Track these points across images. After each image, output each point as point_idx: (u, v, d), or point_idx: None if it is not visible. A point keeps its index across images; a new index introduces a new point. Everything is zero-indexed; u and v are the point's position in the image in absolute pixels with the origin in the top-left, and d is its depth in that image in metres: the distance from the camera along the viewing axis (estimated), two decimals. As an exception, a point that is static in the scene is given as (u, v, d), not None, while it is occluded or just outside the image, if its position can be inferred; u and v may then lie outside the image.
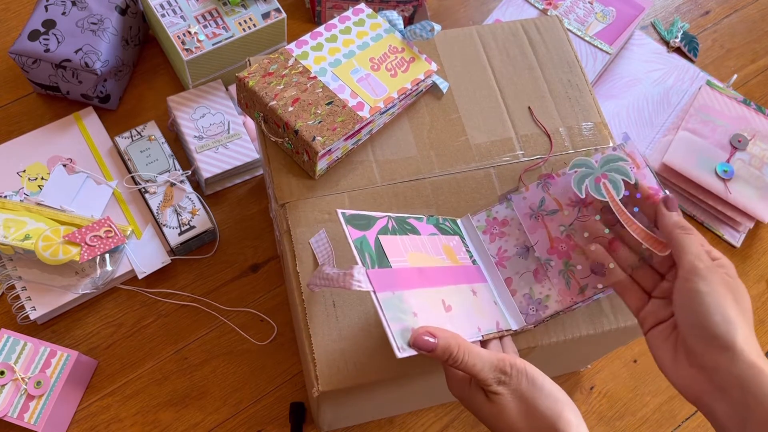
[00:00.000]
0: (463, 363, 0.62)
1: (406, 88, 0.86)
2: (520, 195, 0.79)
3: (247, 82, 0.82)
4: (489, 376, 0.63)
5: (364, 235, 0.66)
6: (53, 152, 1.16)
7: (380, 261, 0.65)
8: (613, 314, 0.79)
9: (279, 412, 1.06)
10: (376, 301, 0.61)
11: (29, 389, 0.97)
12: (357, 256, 0.63)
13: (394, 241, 0.68)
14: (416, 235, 0.72)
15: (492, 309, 0.73)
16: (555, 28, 0.99)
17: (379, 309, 0.61)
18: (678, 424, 1.11)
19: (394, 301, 0.62)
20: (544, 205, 0.77)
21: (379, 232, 0.68)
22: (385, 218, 0.70)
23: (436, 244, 0.73)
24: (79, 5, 1.16)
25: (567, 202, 0.76)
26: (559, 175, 0.77)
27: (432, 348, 0.62)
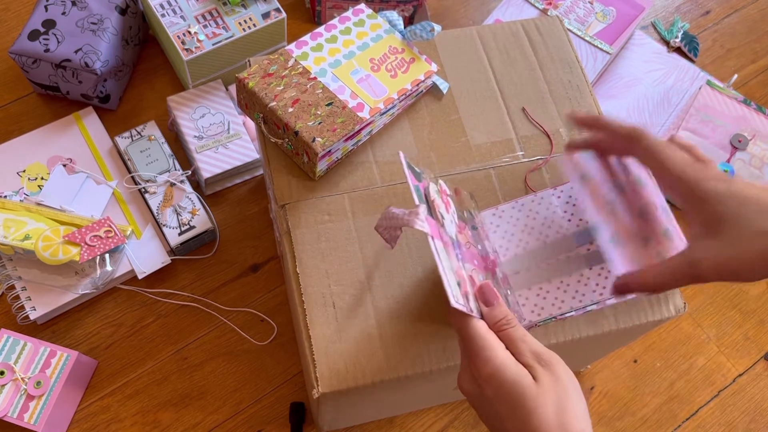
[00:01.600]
0: (515, 329, 0.61)
1: (406, 88, 0.86)
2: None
3: (247, 83, 0.82)
4: (538, 350, 0.60)
5: (419, 185, 0.67)
6: (53, 152, 1.16)
7: (432, 213, 0.66)
8: (613, 316, 0.79)
9: (279, 412, 1.06)
10: (433, 247, 0.61)
11: (29, 389, 0.97)
12: (416, 198, 0.64)
13: (439, 203, 0.69)
14: (449, 206, 0.73)
15: (501, 296, 0.73)
16: (555, 28, 0.99)
17: (435, 254, 0.60)
18: (678, 424, 1.11)
19: (445, 252, 0.63)
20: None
21: (429, 188, 0.69)
22: (430, 178, 0.71)
23: (462, 223, 0.74)
24: (79, 5, 1.16)
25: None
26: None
27: (494, 301, 0.62)
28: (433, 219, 0.65)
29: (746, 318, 1.20)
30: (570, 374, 0.59)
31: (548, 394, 0.57)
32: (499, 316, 0.62)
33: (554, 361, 0.59)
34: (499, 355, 0.59)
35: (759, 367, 1.16)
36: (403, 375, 0.74)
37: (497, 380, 0.58)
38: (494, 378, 0.58)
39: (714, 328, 1.19)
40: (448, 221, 0.69)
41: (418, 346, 0.75)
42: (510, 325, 0.61)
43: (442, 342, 0.76)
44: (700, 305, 1.20)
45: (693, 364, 1.16)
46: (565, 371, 0.59)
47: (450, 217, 0.71)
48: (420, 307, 0.77)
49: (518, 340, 0.60)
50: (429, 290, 0.78)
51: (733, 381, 1.15)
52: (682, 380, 1.14)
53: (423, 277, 0.79)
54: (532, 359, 0.59)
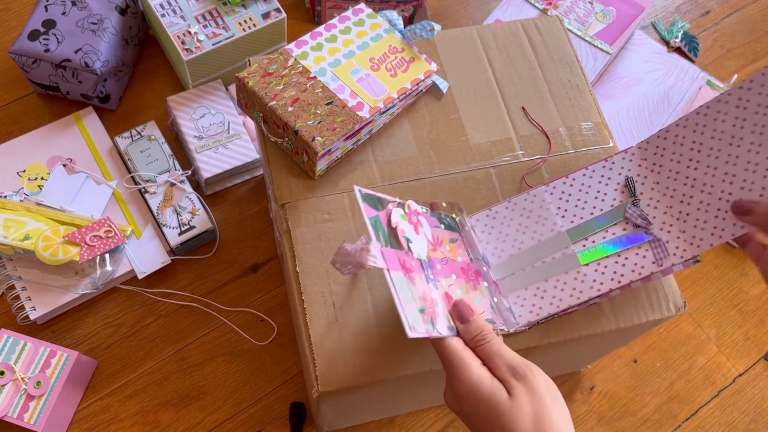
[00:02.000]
0: (490, 344, 0.61)
1: (405, 88, 0.86)
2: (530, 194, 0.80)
3: (247, 83, 0.82)
4: (514, 363, 0.60)
5: (378, 215, 0.66)
6: (53, 152, 1.16)
7: (392, 242, 0.65)
8: (613, 315, 0.79)
9: (279, 412, 1.06)
10: (389, 279, 0.60)
11: (29, 389, 0.97)
12: (372, 233, 0.63)
13: (404, 226, 0.68)
14: (420, 226, 0.72)
15: (488, 305, 0.73)
16: (555, 28, 0.99)
17: (392, 287, 0.60)
18: (678, 424, 1.11)
19: (406, 282, 0.62)
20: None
21: (391, 214, 0.68)
22: (395, 203, 0.70)
23: (440, 236, 0.73)
24: (79, 5, 1.16)
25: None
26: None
27: (469, 317, 0.62)
28: (392, 248, 0.64)
29: (746, 318, 1.20)
30: (548, 384, 0.60)
31: (523, 407, 0.58)
32: (474, 332, 0.62)
33: (529, 373, 0.60)
34: (474, 372, 0.60)
35: (759, 367, 1.16)
36: (403, 374, 0.74)
37: (473, 397, 0.59)
38: (470, 395, 0.59)
39: (714, 328, 1.19)
40: (416, 243, 0.69)
41: (418, 345, 0.75)
42: (485, 340, 0.62)
43: (442, 341, 0.75)
44: (700, 305, 1.20)
45: (693, 364, 1.16)
46: (541, 382, 0.60)
47: (420, 237, 0.70)
48: (420, 306, 0.77)
49: (494, 354, 0.61)
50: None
51: (733, 381, 1.15)
52: (682, 380, 1.14)
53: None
54: (507, 373, 0.60)
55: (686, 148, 0.74)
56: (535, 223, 0.78)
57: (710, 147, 0.72)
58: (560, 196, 0.79)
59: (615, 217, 0.76)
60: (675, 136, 0.75)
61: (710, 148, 0.72)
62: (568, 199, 0.78)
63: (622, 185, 0.77)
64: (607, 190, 0.77)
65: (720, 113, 0.71)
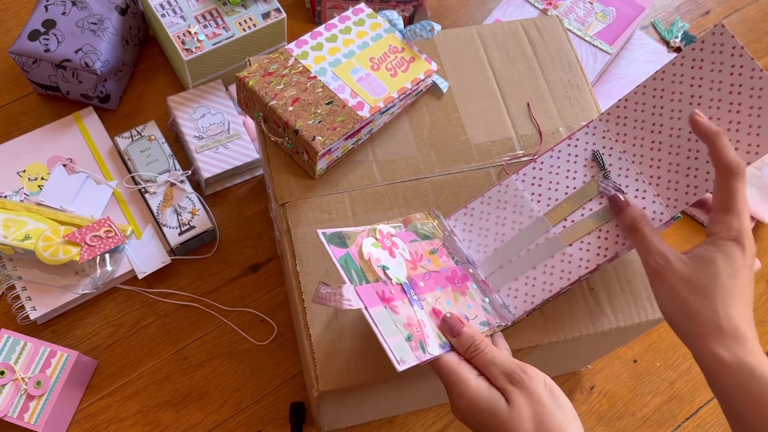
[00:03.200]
0: (483, 354, 0.62)
1: (406, 87, 0.86)
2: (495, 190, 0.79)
3: (247, 82, 0.82)
4: (509, 369, 0.61)
5: (348, 252, 0.66)
6: (53, 152, 1.16)
7: (367, 277, 0.65)
8: (613, 314, 0.79)
9: (279, 412, 1.06)
10: (369, 318, 0.61)
11: (29, 389, 0.97)
12: (344, 274, 0.63)
13: (378, 255, 0.68)
14: (396, 247, 0.72)
15: (479, 308, 0.72)
16: (555, 28, 0.99)
17: (373, 325, 0.60)
18: (678, 424, 1.11)
19: (387, 315, 0.62)
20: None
21: (362, 246, 0.68)
22: (365, 231, 0.69)
23: (419, 250, 0.73)
24: (79, 5, 1.16)
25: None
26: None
27: (459, 330, 0.63)
28: (369, 282, 0.64)
29: (746, 318, 1.20)
30: (546, 384, 0.61)
31: (523, 414, 0.59)
32: (466, 344, 0.63)
33: (525, 377, 0.60)
34: (472, 386, 0.61)
35: (759, 367, 1.16)
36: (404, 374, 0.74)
37: (475, 411, 0.60)
38: (471, 409, 0.60)
39: (714, 328, 1.19)
40: (394, 268, 0.68)
41: (419, 344, 0.75)
42: (478, 351, 0.62)
43: (443, 341, 0.75)
44: (701, 305, 1.20)
45: (693, 364, 1.16)
46: (539, 384, 0.60)
47: (397, 260, 0.70)
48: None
49: (488, 364, 0.62)
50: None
51: (734, 381, 1.15)
52: (682, 380, 1.14)
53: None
54: (504, 381, 0.61)
55: (647, 114, 0.74)
56: (512, 213, 0.78)
57: (671, 109, 0.73)
58: (531, 182, 0.78)
59: (589, 193, 0.76)
60: (635, 103, 0.75)
61: (671, 110, 0.73)
62: (540, 183, 0.78)
63: (590, 160, 0.77)
64: (577, 168, 0.77)
65: (677, 75, 0.73)
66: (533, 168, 0.79)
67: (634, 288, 0.80)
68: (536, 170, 0.79)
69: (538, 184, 0.78)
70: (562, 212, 0.76)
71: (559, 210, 0.76)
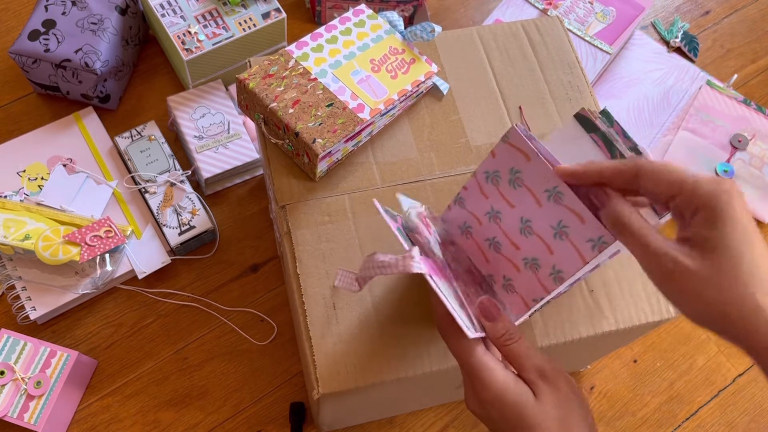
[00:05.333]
0: (517, 344, 0.60)
1: (406, 89, 0.86)
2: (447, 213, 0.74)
3: (248, 84, 0.82)
4: (540, 364, 0.59)
5: (398, 225, 0.66)
6: (53, 152, 1.16)
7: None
8: (613, 316, 0.79)
9: (279, 412, 1.06)
10: (434, 285, 0.59)
11: (29, 389, 0.97)
12: (403, 242, 0.63)
13: (422, 229, 0.68)
14: (429, 227, 0.72)
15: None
16: (556, 29, 0.99)
17: (439, 292, 0.59)
18: (678, 424, 1.11)
19: (446, 285, 0.62)
20: (466, 222, 0.72)
21: (405, 221, 0.68)
22: (411, 208, 0.70)
23: (441, 242, 0.73)
24: (79, 5, 1.16)
25: (482, 214, 0.71)
26: (467, 188, 0.71)
27: (496, 315, 0.61)
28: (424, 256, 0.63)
29: (746, 318, 1.20)
30: (574, 387, 0.59)
31: (551, 411, 0.57)
32: (501, 331, 0.61)
33: (557, 375, 0.59)
34: (499, 377, 0.58)
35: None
36: (404, 376, 0.74)
37: (500, 403, 0.58)
38: (497, 401, 0.58)
39: (714, 328, 1.19)
40: (433, 244, 0.68)
41: (419, 347, 0.75)
42: (513, 340, 0.61)
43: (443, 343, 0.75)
44: (700, 305, 1.20)
45: (693, 364, 1.16)
46: (568, 385, 0.59)
47: (433, 238, 0.69)
48: (421, 308, 0.77)
49: (522, 355, 0.60)
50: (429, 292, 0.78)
51: (733, 381, 1.15)
52: (682, 380, 1.14)
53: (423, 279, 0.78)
54: (535, 375, 0.59)
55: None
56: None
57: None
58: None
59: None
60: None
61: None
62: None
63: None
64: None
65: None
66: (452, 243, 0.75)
67: (634, 290, 0.80)
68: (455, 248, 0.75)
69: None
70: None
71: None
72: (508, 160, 0.65)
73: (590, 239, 0.60)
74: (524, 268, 0.67)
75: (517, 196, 0.65)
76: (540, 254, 0.65)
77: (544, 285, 0.66)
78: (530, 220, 0.65)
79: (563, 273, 0.64)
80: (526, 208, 0.65)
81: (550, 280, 0.65)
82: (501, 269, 0.69)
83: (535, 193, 0.64)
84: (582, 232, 0.61)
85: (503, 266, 0.69)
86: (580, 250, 0.62)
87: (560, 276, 0.64)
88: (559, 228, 0.63)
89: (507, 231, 0.68)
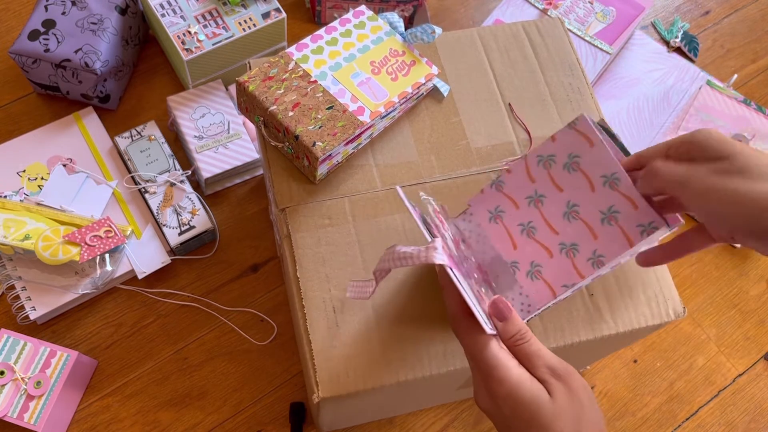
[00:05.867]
0: (529, 344, 0.60)
1: (406, 92, 0.86)
2: (477, 197, 0.76)
3: (247, 87, 0.82)
4: (552, 363, 0.59)
5: (421, 214, 0.66)
6: (53, 152, 1.16)
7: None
8: (613, 320, 0.79)
9: (279, 412, 1.06)
10: (454, 277, 0.59)
11: (29, 389, 0.97)
12: (425, 232, 0.63)
13: (438, 223, 0.68)
14: (442, 222, 0.72)
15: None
16: (556, 29, 0.98)
17: (460, 286, 0.59)
18: (678, 424, 1.12)
19: (463, 279, 0.61)
20: (500, 206, 0.74)
21: (422, 216, 0.68)
22: (427, 201, 0.71)
23: (454, 238, 0.73)
24: (79, 5, 1.16)
25: (522, 198, 0.73)
26: (510, 171, 0.73)
27: (507, 315, 0.61)
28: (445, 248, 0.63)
29: (746, 318, 1.20)
30: (585, 386, 0.59)
31: (565, 409, 0.57)
32: (513, 331, 0.61)
33: (569, 374, 0.59)
34: (514, 374, 0.58)
35: (759, 367, 1.17)
36: (404, 380, 0.74)
37: (513, 399, 0.57)
38: (510, 397, 0.58)
39: (714, 328, 1.19)
40: (448, 240, 0.68)
41: (419, 350, 0.75)
42: (524, 340, 0.60)
43: (443, 346, 0.76)
44: (700, 305, 1.21)
45: (693, 364, 1.16)
46: (580, 384, 0.59)
47: (449, 234, 0.69)
48: (420, 311, 0.77)
49: (533, 355, 0.60)
50: (429, 295, 0.78)
51: (733, 381, 1.15)
52: (682, 380, 1.15)
53: (424, 282, 0.79)
54: (548, 374, 0.59)
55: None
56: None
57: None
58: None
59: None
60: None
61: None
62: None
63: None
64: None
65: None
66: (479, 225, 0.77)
67: (634, 294, 0.80)
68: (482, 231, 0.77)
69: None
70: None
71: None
72: (569, 145, 0.69)
73: (640, 224, 0.64)
74: (559, 254, 0.69)
75: (570, 180, 0.69)
76: (581, 239, 0.68)
77: (579, 270, 0.68)
78: (578, 205, 0.68)
79: (604, 257, 0.67)
80: (577, 192, 0.68)
81: (588, 264, 0.68)
82: (530, 255, 0.71)
83: (591, 178, 0.67)
84: (633, 217, 0.64)
85: (533, 251, 0.71)
86: (628, 234, 0.65)
87: (600, 260, 0.67)
88: (609, 213, 0.66)
89: (548, 215, 0.70)
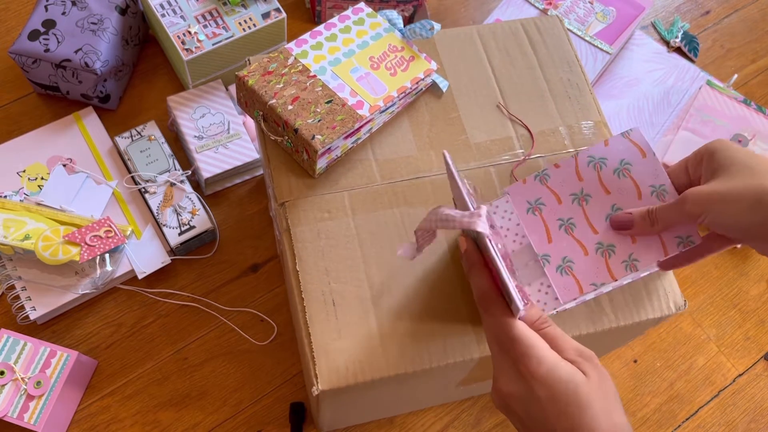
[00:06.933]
0: (552, 327, 0.60)
1: (405, 86, 0.86)
2: (517, 186, 0.76)
3: (247, 81, 0.82)
4: (576, 345, 0.60)
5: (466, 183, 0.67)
6: (53, 152, 1.16)
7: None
8: (614, 313, 0.78)
9: (279, 412, 1.06)
10: (492, 249, 0.59)
11: (29, 389, 0.97)
12: (468, 200, 0.63)
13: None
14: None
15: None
16: (555, 27, 0.99)
17: (496, 257, 0.59)
18: (678, 424, 1.11)
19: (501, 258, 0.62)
20: (541, 199, 0.75)
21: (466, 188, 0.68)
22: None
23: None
24: (79, 5, 1.16)
25: (566, 194, 0.74)
26: (558, 166, 0.75)
27: (528, 300, 0.62)
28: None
29: (746, 318, 1.20)
30: (605, 369, 0.60)
31: (598, 388, 0.57)
32: (535, 316, 0.61)
33: (593, 356, 0.59)
34: (549, 354, 0.58)
35: (759, 367, 1.16)
36: (403, 373, 0.74)
37: (552, 379, 0.57)
38: (550, 377, 0.57)
39: (714, 328, 1.19)
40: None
41: (418, 343, 0.75)
42: (547, 324, 0.61)
43: (442, 340, 0.75)
44: (700, 305, 1.20)
45: (693, 364, 1.16)
46: (602, 366, 0.59)
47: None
48: (420, 305, 0.77)
49: (559, 338, 0.60)
50: (429, 288, 0.78)
51: (733, 381, 1.15)
52: (682, 380, 1.14)
53: (423, 276, 0.79)
54: (576, 355, 0.59)
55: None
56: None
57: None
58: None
59: None
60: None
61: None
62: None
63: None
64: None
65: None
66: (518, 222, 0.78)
67: (634, 287, 0.80)
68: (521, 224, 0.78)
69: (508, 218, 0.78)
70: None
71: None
72: (621, 152, 0.72)
73: (679, 236, 0.68)
74: (594, 253, 0.71)
75: (618, 184, 0.72)
76: (620, 241, 0.70)
77: (612, 271, 0.70)
78: (622, 209, 0.71)
79: (639, 262, 0.69)
80: (623, 197, 0.71)
81: (622, 267, 0.70)
82: (563, 250, 0.73)
83: (640, 186, 0.71)
84: (674, 229, 0.68)
85: (568, 247, 0.72)
86: (665, 243, 0.68)
87: (634, 264, 0.69)
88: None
89: (590, 214, 0.72)
